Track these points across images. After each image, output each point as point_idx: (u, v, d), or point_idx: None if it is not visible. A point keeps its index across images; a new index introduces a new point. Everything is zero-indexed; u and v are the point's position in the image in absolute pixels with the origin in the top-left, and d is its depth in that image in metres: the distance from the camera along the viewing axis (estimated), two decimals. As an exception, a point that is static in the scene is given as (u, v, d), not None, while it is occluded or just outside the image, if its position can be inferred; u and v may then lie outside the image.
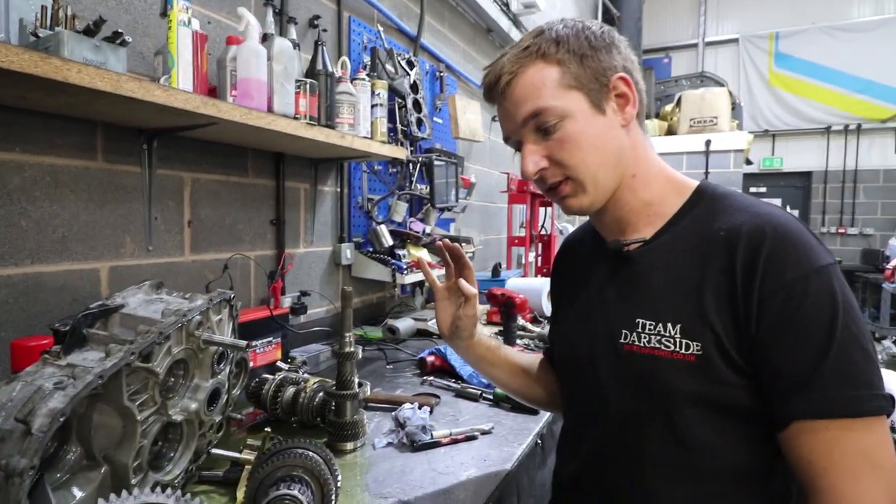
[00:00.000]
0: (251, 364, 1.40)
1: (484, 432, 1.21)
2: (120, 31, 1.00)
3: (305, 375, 1.32)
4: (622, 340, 0.79)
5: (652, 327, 0.75)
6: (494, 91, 0.82)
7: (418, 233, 2.46)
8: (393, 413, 1.23)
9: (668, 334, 0.74)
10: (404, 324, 2.09)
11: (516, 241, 3.51)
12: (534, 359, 1.12)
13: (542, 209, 3.76)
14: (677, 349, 0.72)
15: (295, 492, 0.71)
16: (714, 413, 0.72)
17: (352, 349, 1.12)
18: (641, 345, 0.76)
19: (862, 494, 0.62)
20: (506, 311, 1.70)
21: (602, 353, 0.83)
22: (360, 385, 1.15)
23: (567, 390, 0.97)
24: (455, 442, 1.17)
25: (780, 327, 0.67)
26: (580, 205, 0.81)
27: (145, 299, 0.91)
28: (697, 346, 0.71)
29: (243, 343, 0.90)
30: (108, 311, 0.82)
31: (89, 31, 0.97)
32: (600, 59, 0.78)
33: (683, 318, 0.73)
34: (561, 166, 0.79)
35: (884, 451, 0.64)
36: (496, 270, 2.86)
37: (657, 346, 0.74)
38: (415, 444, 1.13)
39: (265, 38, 1.44)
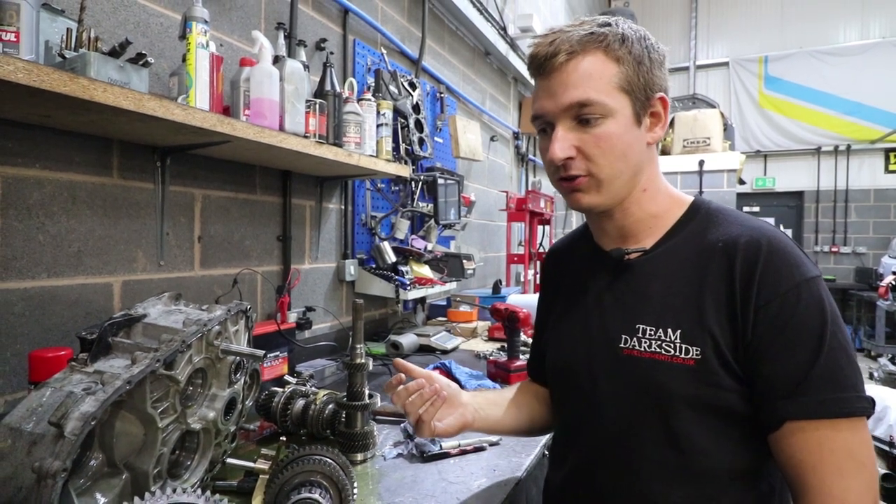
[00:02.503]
0: (264, 352, 1.42)
1: (492, 444, 1.23)
2: (143, 52, 1.05)
3: (314, 388, 1.34)
4: (622, 345, 0.81)
5: (653, 332, 0.78)
6: (546, 64, 0.79)
7: (420, 249, 2.50)
8: (401, 424, 1.25)
9: (668, 339, 0.76)
10: (407, 339, 2.11)
11: (515, 258, 3.55)
12: (515, 390, 1.09)
13: (540, 227, 3.82)
14: (677, 353, 0.75)
15: (316, 496, 0.72)
16: (709, 416, 0.75)
17: (363, 360, 1.14)
18: (642, 349, 0.78)
19: (847, 490, 0.66)
20: (510, 325, 1.72)
21: (600, 358, 0.84)
22: (370, 396, 1.17)
23: (559, 397, 0.97)
24: (464, 453, 1.18)
25: (775, 334, 0.71)
26: (590, 202, 0.82)
27: (165, 310, 0.93)
28: (697, 350, 0.74)
29: (261, 353, 0.92)
30: (132, 320, 0.84)
31: (114, 53, 1.01)
32: (653, 73, 0.80)
33: (683, 323, 0.76)
34: (588, 161, 0.79)
35: (866, 449, 0.68)
36: (497, 287, 2.89)
37: (658, 350, 0.77)
38: (424, 455, 1.15)
39: (276, 60, 1.49)
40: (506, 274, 3.69)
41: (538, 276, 3.90)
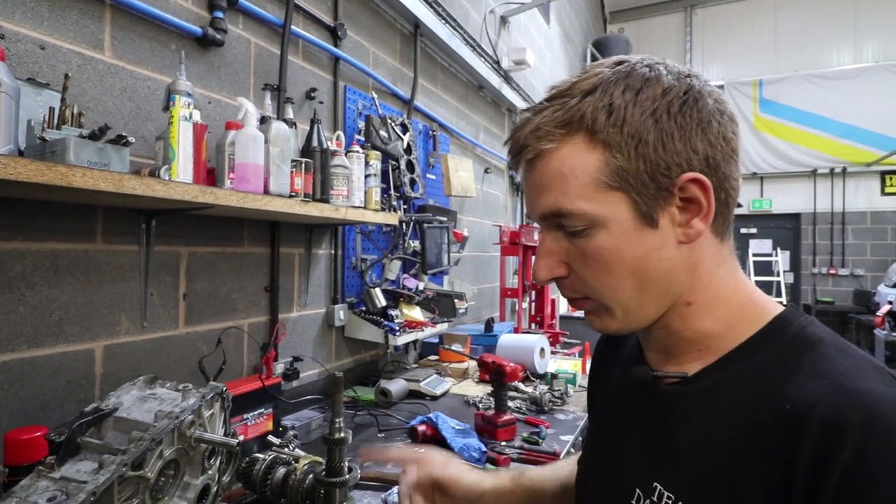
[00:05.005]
0: (242, 437, 1.41)
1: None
2: (123, 134, 1.06)
3: (297, 452, 1.33)
4: (633, 502, 0.61)
5: (670, 502, 0.57)
6: (517, 162, 0.61)
7: (411, 290, 2.50)
8: (382, 496, 1.24)
9: None
10: (396, 386, 2.10)
11: (509, 292, 3.55)
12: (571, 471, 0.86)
13: (534, 258, 3.82)
14: None
15: None
16: None
17: (342, 435, 1.13)
18: None
19: None
20: (496, 379, 1.72)
21: None
22: (349, 470, 1.16)
23: None
24: (444, 527, 1.16)
25: None
26: (604, 327, 0.62)
27: (139, 396, 0.93)
28: None
29: (234, 442, 0.92)
30: (103, 416, 0.84)
31: (94, 136, 1.02)
32: (668, 149, 0.54)
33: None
34: (581, 282, 0.60)
35: None
36: (489, 325, 2.88)
37: None
38: (404, 531, 1.13)
39: (263, 121, 1.51)
40: (500, 307, 3.69)
41: (533, 304, 3.90)
